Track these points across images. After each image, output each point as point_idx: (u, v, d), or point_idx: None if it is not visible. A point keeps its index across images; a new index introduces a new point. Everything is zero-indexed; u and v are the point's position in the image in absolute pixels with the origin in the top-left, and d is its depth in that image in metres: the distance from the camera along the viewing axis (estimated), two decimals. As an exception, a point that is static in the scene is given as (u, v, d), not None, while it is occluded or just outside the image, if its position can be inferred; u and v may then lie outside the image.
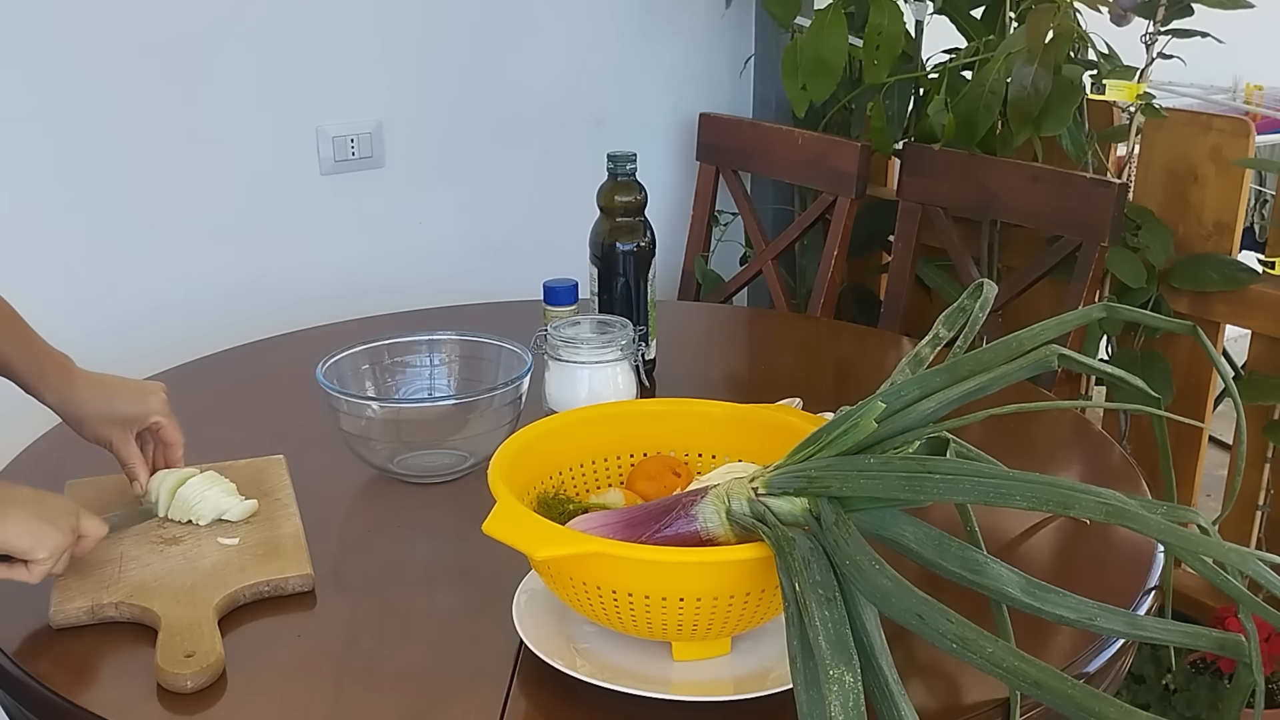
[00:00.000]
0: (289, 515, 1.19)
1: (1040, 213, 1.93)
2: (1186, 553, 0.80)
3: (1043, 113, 1.91)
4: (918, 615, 0.77)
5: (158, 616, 1.02)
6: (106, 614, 1.04)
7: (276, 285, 2.11)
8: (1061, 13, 1.88)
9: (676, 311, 1.97)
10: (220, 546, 1.13)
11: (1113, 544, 1.17)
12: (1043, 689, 0.73)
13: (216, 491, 1.17)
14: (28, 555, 0.99)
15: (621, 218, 1.52)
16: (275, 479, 1.26)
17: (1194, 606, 2.04)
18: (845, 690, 0.74)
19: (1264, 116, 3.46)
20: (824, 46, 2.11)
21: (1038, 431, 1.47)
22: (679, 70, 2.47)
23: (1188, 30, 1.91)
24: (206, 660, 0.96)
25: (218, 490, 1.18)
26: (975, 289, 1.05)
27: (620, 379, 1.37)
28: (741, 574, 0.88)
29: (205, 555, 1.11)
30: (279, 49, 2.02)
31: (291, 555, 1.12)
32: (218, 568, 1.09)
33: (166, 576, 1.08)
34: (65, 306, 1.89)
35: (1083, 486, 0.80)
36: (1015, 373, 0.90)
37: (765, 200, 2.51)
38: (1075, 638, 1.00)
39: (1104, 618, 0.79)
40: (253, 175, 2.05)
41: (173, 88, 1.94)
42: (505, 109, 2.28)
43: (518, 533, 0.90)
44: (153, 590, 1.06)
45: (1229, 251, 2.00)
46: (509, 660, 0.98)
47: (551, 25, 2.30)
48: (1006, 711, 0.92)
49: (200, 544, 1.13)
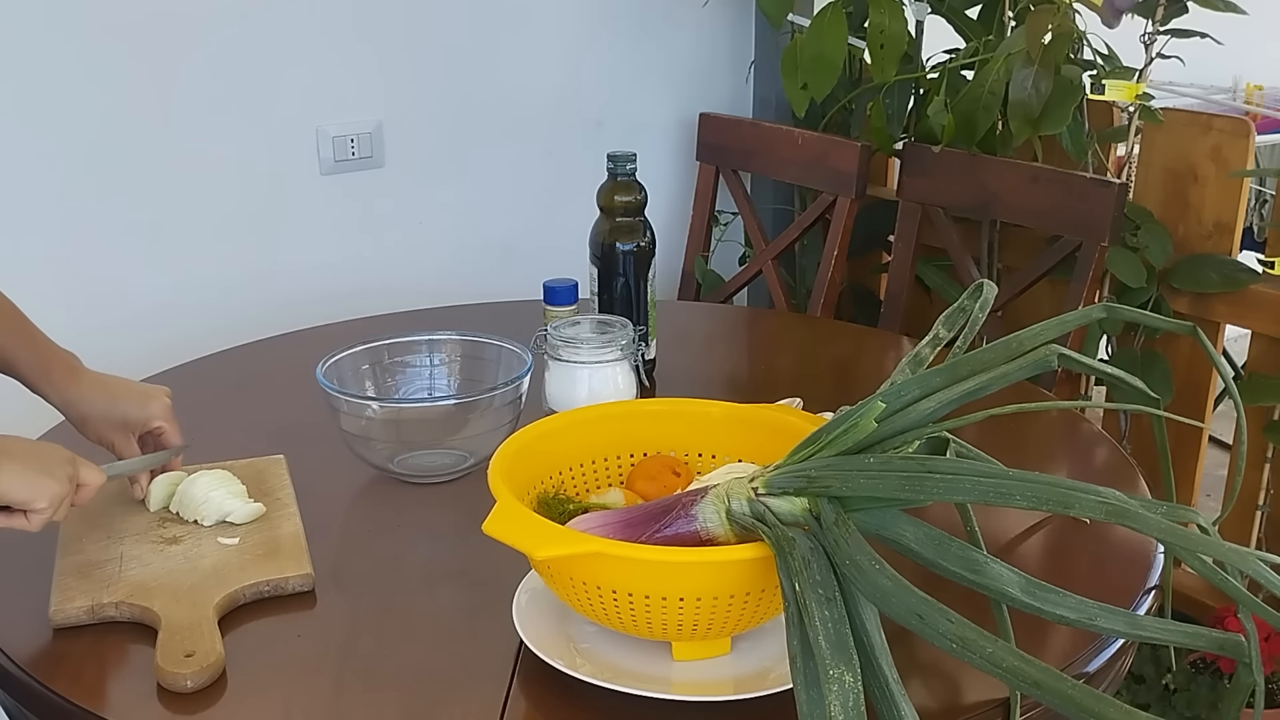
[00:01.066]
0: (289, 515, 1.19)
1: (1040, 213, 1.93)
2: (1186, 552, 0.80)
3: (1042, 113, 1.91)
4: (918, 615, 0.77)
5: (158, 616, 1.02)
6: (106, 614, 1.04)
7: (276, 285, 2.11)
8: (1061, 13, 1.88)
9: (676, 311, 1.97)
10: (220, 546, 1.13)
11: (1112, 544, 1.17)
12: (1042, 689, 0.73)
13: (222, 493, 1.17)
14: (27, 505, 1.00)
15: (621, 217, 1.52)
16: (275, 479, 1.26)
17: (1194, 606, 2.04)
18: (845, 690, 0.74)
19: (1264, 116, 3.46)
20: (824, 44, 2.11)
21: (1038, 432, 1.47)
22: (679, 70, 2.47)
23: (1186, 30, 1.91)
24: (206, 660, 0.96)
25: (223, 491, 1.18)
26: (975, 289, 1.05)
27: (620, 379, 1.37)
28: (741, 574, 0.88)
29: (205, 555, 1.11)
30: (279, 49, 2.02)
31: (292, 555, 1.12)
32: (218, 568, 1.09)
33: (166, 576, 1.08)
34: (66, 306, 1.89)
35: (1083, 486, 0.80)
36: (1015, 373, 0.90)
37: (765, 200, 2.51)
38: (1075, 638, 1.00)
39: (1104, 618, 0.79)
40: (253, 175, 2.05)
41: (174, 87, 1.95)
42: (505, 109, 2.28)
43: (518, 532, 0.90)
44: (153, 590, 1.06)
45: (1229, 252, 2.00)
46: (509, 660, 0.98)
47: (551, 25, 2.30)
48: (1006, 711, 0.92)
49: (200, 544, 1.13)
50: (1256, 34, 2.69)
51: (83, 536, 1.14)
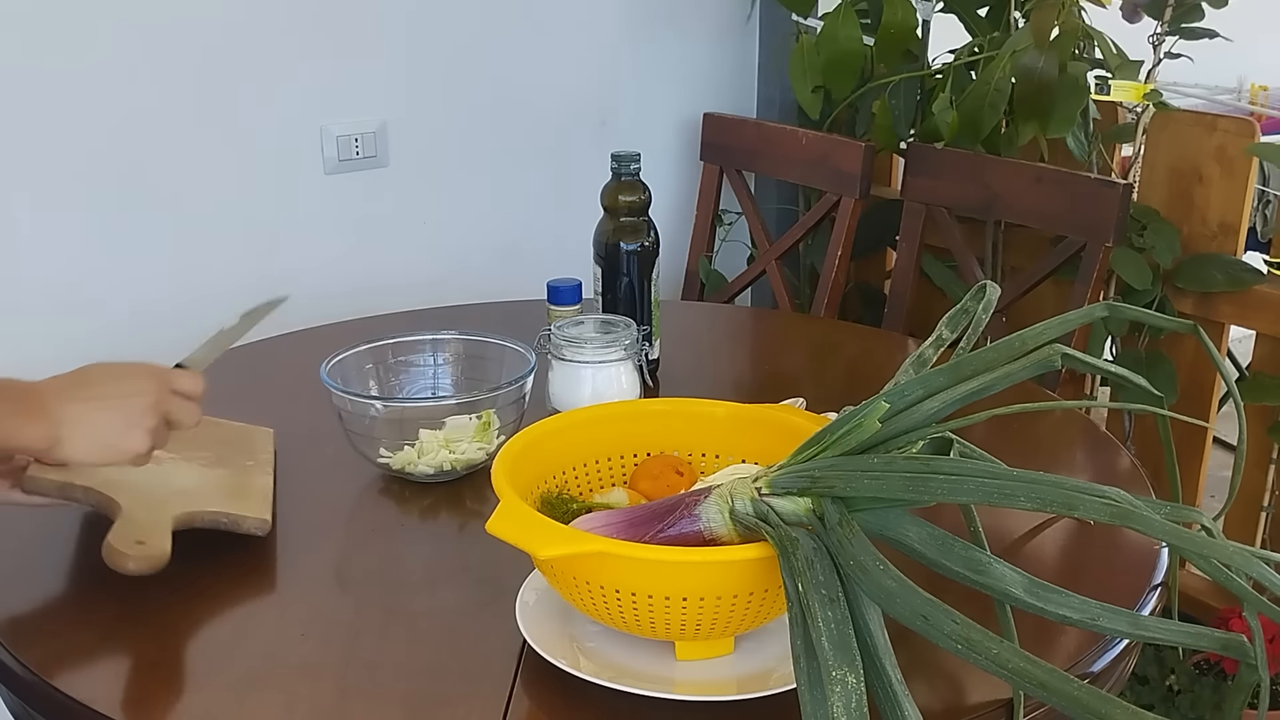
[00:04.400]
0: (265, 473, 1.24)
1: (1044, 213, 1.93)
2: (1191, 553, 0.80)
3: (1048, 113, 1.91)
4: (923, 616, 0.77)
5: (118, 506, 1.06)
6: (73, 494, 1.08)
7: (280, 284, 2.09)
8: (1066, 9, 1.88)
9: (680, 311, 1.97)
10: (195, 473, 1.17)
11: (1118, 544, 1.17)
12: (1048, 690, 0.73)
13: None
14: (113, 463, 1.01)
15: (625, 217, 1.52)
16: (261, 442, 1.30)
17: (1198, 607, 2.04)
18: (848, 691, 0.74)
19: (1268, 117, 3.46)
20: (840, 44, 2.11)
21: (1042, 433, 1.47)
22: (683, 70, 2.47)
23: (1195, 29, 1.91)
24: (154, 550, 1.01)
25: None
26: (978, 290, 1.05)
27: (624, 379, 1.37)
28: (746, 574, 0.88)
29: (178, 478, 1.16)
30: (283, 49, 2.02)
31: (255, 501, 1.16)
32: (186, 490, 1.14)
33: (137, 483, 1.11)
34: (68, 305, 1.89)
35: (1087, 486, 0.80)
36: (1018, 372, 0.90)
37: (769, 200, 2.51)
38: (1079, 639, 1.00)
39: (1107, 618, 0.79)
40: (257, 174, 2.05)
41: (176, 87, 1.95)
42: (509, 109, 2.28)
43: (521, 532, 0.90)
44: (121, 486, 1.09)
45: (1234, 252, 1.99)
46: (512, 659, 0.98)
47: (555, 25, 2.30)
48: (1009, 713, 0.91)
49: (177, 469, 1.17)
50: (1262, 34, 2.69)
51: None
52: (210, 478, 1.18)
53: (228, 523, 1.12)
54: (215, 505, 1.12)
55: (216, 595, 1.07)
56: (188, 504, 1.11)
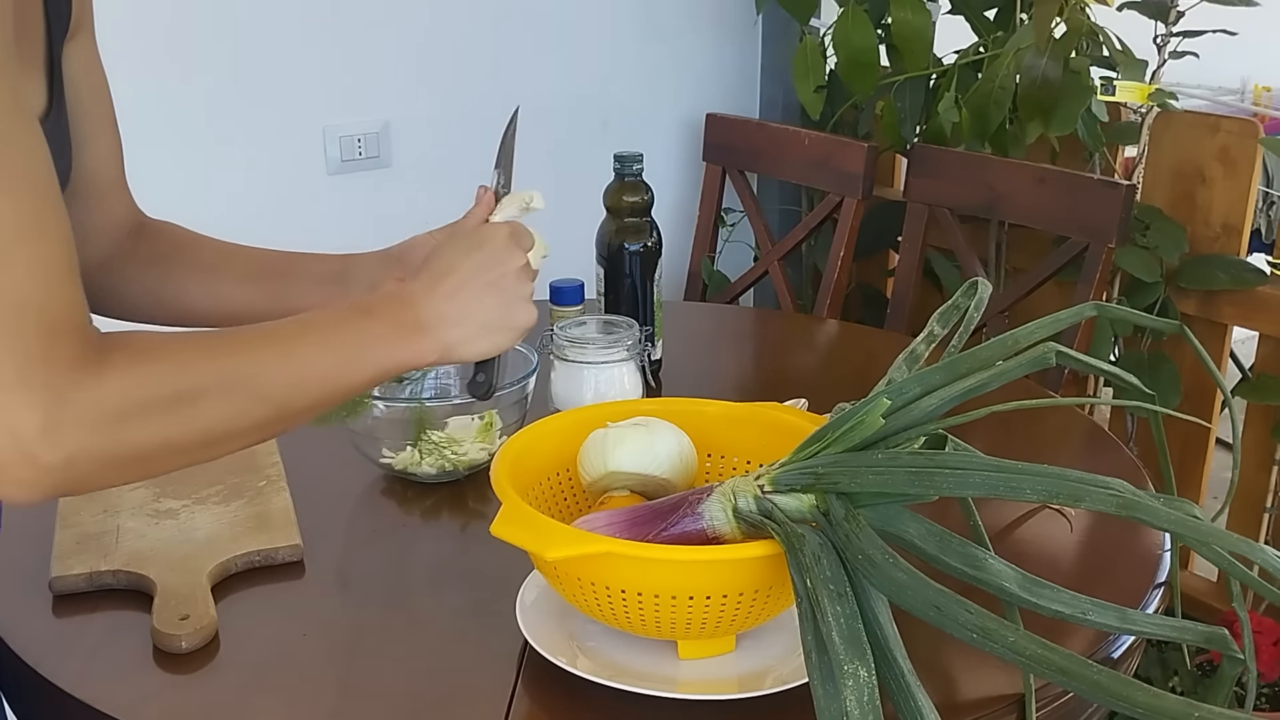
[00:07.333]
0: (279, 490, 1.22)
1: (1047, 214, 1.93)
2: (1194, 541, 0.81)
3: (1052, 110, 1.91)
4: (935, 607, 0.78)
5: (153, 583, 1.04)
6: (104, 581, 1.06)
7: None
8: (1071, 7, 1.88)
9: (683, 312, 1.97)
10: (213, 519, 1.16)
11: (1121, 547, 1.17)
12: (1068, 675, 0.74)
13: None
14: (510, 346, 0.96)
15: (628, 218, 1.52)
16: (264, 456, 1.28)
17: (1200, 609, 2.04)
18: (860, 684, 0.74)
19: (1271, 118, 3.45)
20: (854, 45, 2.12)
21: (1044, 434, 1.47)
22: (685, 71, 2.47)
23: (1200, 31, 1.91)
24: (201, 622, 0.99)
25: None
26: (969, 287, 1.05)
27: (626, 379, 1.37)
28: (752, 572, 0.88)
29: (199, 527, 1.14)
30: (286, 49, 2.03)
31: (281, 527, 1.15)
32: (210, 539, 1.12)
33: (161, 546, 1.10)
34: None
35: (1092, 478, 0.80)
36: (1014, 370, 0.90)
37: (772, 201, 2.51)
38: (1081, 642, 1.00)
39: (1096, 612, 0.80)
40: (260, 174, 2.06)
41: (179, 87, 1.95)
42: (512, 109, 2.28)
43: (526, 534, 0.90)
44: (148, 558, 1.08)
45: (1237, 253, 1.99)
46: (513, 659, 0.98)
47: (558, 26, 2.30)
48: (1020, 707, 0.91)
49: (194, 517, 1.16)
50: (1265, 35, 2.68)
51: (81, 510, 1.16)
52: (229, 516, 1.16)
53: (261, 560, 1.11)
54: (244, 546, 1.11)
55: (217, 595, 1.07)
56: (216, 553, 1.09)
